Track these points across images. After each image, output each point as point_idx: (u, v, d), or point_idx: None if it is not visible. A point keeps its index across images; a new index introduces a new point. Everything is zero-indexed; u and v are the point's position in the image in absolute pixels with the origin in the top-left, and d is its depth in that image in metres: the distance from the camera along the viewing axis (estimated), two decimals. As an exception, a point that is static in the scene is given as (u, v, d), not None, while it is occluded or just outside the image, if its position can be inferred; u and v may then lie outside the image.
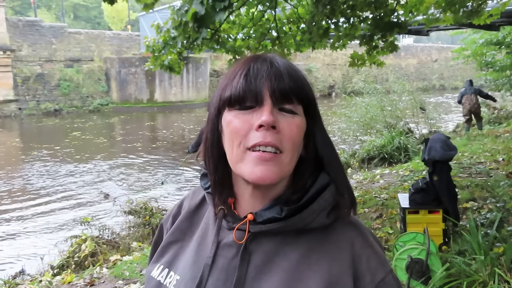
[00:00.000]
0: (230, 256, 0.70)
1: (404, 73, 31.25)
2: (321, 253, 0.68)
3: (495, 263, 2.78)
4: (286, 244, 0.69)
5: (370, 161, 8.36)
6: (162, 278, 0.76)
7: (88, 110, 20.46)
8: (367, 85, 11.78)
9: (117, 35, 22.99)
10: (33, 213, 7.26)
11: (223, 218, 0.74)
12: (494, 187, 4.85)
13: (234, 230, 0.71)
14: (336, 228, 0.70)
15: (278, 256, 0.68)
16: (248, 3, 4.74)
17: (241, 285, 0.67)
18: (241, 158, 0.67)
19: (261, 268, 0.68)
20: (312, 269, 0.67)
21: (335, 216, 0.70)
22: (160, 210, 5.91)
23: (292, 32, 5.40)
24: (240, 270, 0.68)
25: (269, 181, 0.66)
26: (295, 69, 0.71)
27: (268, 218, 0.68)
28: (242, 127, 0.67)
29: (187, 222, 0.82)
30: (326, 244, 0.69)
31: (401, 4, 4.87)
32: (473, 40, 11.08)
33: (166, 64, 5.13)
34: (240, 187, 0.73)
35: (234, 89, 0.69)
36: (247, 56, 0.76)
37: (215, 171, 0.74)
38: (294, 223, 0.68)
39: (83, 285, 3.74)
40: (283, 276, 0.66)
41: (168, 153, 12.25)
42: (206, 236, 0.76)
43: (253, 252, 0.69)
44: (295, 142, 0.68)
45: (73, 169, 10.22)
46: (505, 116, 12.31)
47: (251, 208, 0.72)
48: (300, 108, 0.69)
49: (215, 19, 2.78)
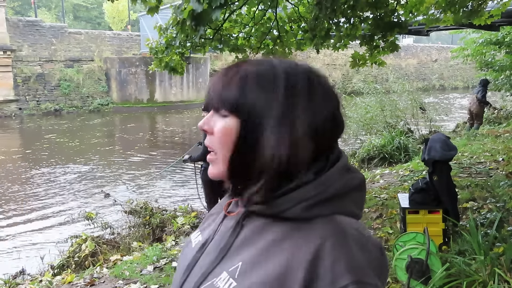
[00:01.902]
0: (229, 226, 0.80)
1: (404, 73, 31.26)
2: (292, 242, 0.70)
3: (495, 263, 2.78)
4: (268, 227, 0.74)
5: (370, 161, 8.37)
6: (193, 238, 0.90)
7: (88, 110, 20.44)
8: (367, 85, 11.78)
9: (117, 35, 22.98)
10: (33, 212, 7.26)
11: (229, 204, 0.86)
12: (494, 187, 4.86)
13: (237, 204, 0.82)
14: (316, 223, 0.71)
15: (261, 234, 0.74)
16: (249, 2, 4.74)
17: (225, 252, 0.76)
18: None
19: (244, 241, 0.75)
20: (278, 254, 0.69)
21: (317, 212, 0.71)
22: (160, 210, 5.91)
23: (293, 31, 5.40)
24: (228, 239, 0.78)
25: (212, 177, 0.80)
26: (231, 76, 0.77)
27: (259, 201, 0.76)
28: None
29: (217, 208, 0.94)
30: (300, 235, 0.70)
31: (401, 4, 4.88)
32: (473, 40, 11.07)
33: (170, 66, 5.14)
34: None
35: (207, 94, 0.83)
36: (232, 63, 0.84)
37: None
38: (270, 207, 0.73)
39: (83, 285, 3.75)
40: (256, 251, 0.72)
41: (169, 153, 12.25)
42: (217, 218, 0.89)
43: (244, 227, 0.78)
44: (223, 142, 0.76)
45: (73, 169, 10.22)
46: (505, 116, 12.32)
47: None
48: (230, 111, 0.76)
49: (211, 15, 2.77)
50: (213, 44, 4.97)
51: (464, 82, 35.48)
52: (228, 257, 0.75)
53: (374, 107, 10.45)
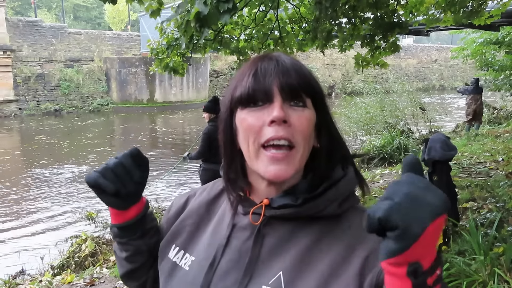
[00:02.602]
0: (244, 238, 0.74)
1: (404, 73, 31.28)
2: (332, 238, 0.70)
3: (495, 263, 2.78)
4: (299, 230, 0.71)
5: (370, 161, 8.37)
6: (178, 260, 0.81)
7: (88, 110, 20.44)
8: (367, 85, 11.79)
9: (117, 36, 22.98)
10: (33, 212, 7.26)
11: (239, 203, 0.78)
12: (494, 187, 4.86)
13: (250, 212, 0.75)
14: (347, 216, 0.72)
15: (290, 241, 0.71)
16: (251, 3, 4.75)
17: (253, 266, 0.71)
18: (256, 156, 0.71)
19: (273, 250, 0.71)
20: (322, 253, 0.69)
21: (347, 206, 0.73)
22: (160, 210, 5.91)
23: (294, 32, 5.40)
24: (253, 251, 0.72)
25: (283, 179, 0.70)
26: (300, 66, 0.74)
27: (283, 204, 0.72)
28: (255, 124, 0.70)
29: (205, 208, 0.86)
30: (337, 230, 0.71)
31: (401, 4, 4.88)
32: (473, 40, 11.07)
33: (171, 66, 5.14)
34: (255, 180, 0.76)
35: (244, 89, 0.72)
36: (253, 57, 0.79)
37: (229, 166, 0.78)
38: (308, 209, 0.71)
39: (83, 285, 3.75)
40: (293, 259, 0.69)
41: (169, 153, 12.25)
42: (222, 221, 0.80)
43: (266, 236, 0.73)
44: (306, 134, 0.71)
45: (73, 169, 10.22)
46: (505, 116, 12.32)
47: (266, 196, 0.75)
48: (308, 101, 0.72)
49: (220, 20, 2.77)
50: (214, 46, 4.98)
51: (464, 82, 35.45)
52: (260, 270, 0.70)
53: (374, 107, 10.45)
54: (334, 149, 0.75)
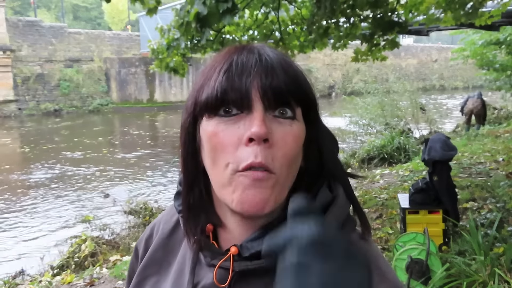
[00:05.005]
0: None
1: (404, 73, 31.26)
2: None
3: (495, 263, 2.78)
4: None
5: (370, 161, 8.37)
6: None
7: (88, 110, 20.45)
8: (367, 85, 11.80)
9: (117, 35, 22.99)
10: (33, 212, 7.25)
11: (199, 251, 0.59)
12: (494, 187, 4.85)
13: (215, 269, 0.56)
14: None
15: None
16: (252, 4, 4.76)
17: None
18: (229, 182, 0.52)
19: None
20: None
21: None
22: (160, 210, 5.91)
23: (295, 33, 5.41)
24: None
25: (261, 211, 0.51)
26: (290, 62, 0.56)
27: (257, 252, 0.53)
28: (228, 143, 0.52)
29: (162, 251, 0.67)
30: None
31: (401, 3, 4.88)
32: (473, 41, 11.08)
33: (171, 67, 5.15)
34: (224, 212, 0.58)
35: (212, 90, 0.53)
36: (228, 47, 0.58)
37: (189, 192, 0.59)
38: None
39: (83, 285, 3.74)
40: None
41: (169, 153, 12.24)
42: (183, 273, 0.62)
43: None
44: (290, 158, 0.53)
45: (73, 169, 10.22)
46: (505, 116, 12.33)
47: (236, 236, 0.57)
48: (298, 111, 0.54)
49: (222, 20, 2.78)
50: (215, 46, 4.98)
51: (464, 82, 35.49)
52: None
53: (374, 107, 10.46)
54: (323, 172, 0.58)
